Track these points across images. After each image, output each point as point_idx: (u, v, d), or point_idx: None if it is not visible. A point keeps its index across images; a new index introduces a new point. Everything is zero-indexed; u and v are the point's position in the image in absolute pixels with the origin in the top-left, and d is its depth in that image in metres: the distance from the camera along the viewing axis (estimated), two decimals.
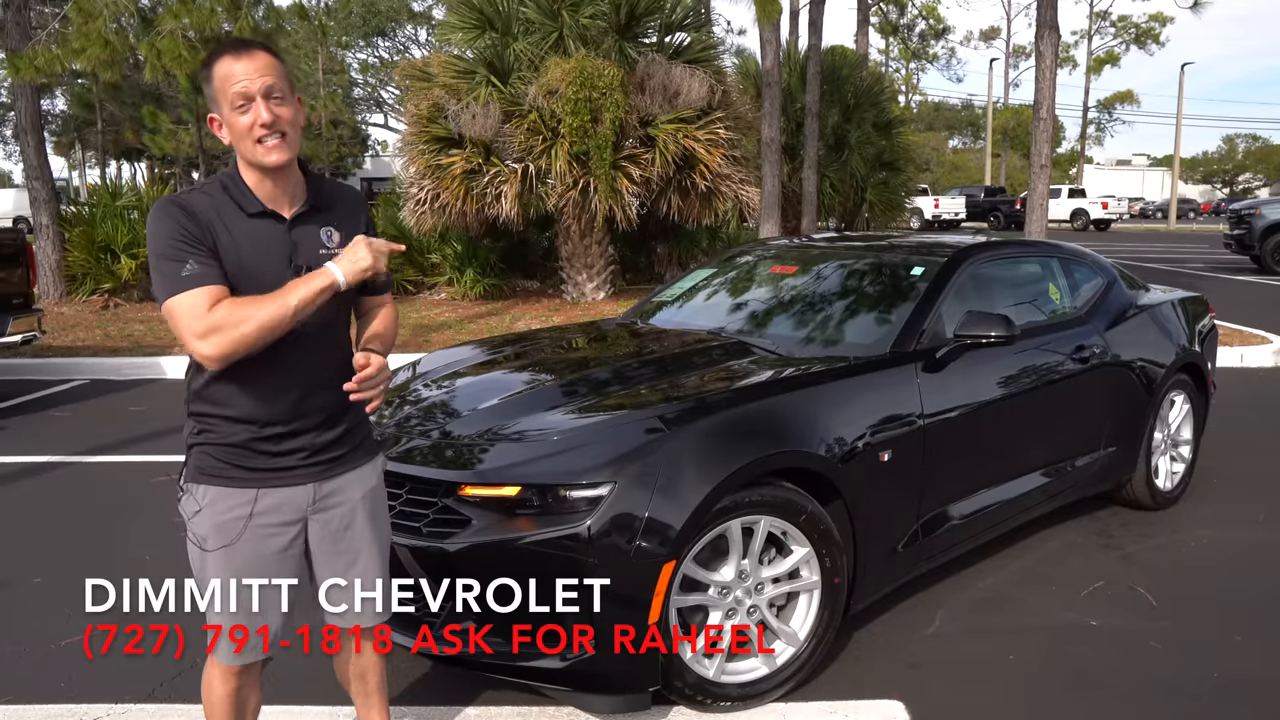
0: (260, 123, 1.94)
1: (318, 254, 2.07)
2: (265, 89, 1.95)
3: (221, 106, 1.98)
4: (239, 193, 2.02)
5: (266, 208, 2.04)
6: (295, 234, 2.06)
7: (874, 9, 32.03)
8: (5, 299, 7.61)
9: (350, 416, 2.21)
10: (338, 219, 2.14)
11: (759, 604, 2.99)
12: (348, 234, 2.12)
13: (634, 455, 2.78)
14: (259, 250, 2.01)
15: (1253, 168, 78.39)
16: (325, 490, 2.17)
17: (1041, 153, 11.38)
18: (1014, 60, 56.20)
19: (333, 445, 2.17)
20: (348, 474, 2.21)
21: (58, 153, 43.97)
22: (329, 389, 2.10)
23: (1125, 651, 3.41)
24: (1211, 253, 24.31)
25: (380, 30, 46.98)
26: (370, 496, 2.26)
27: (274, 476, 2.10)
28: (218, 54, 1.98)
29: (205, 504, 2.08)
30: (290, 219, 2.06)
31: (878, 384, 3.47)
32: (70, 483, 5.60)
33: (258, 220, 2.02)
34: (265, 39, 2.05)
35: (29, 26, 12.42)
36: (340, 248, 2.09)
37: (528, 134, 10.95)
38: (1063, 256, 4.79)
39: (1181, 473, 5.06)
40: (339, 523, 2.20)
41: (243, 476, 2.08)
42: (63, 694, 3.09)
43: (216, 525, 2.07)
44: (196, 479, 2.10)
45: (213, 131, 2.02)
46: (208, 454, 2.08)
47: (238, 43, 1.99)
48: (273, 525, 2.11)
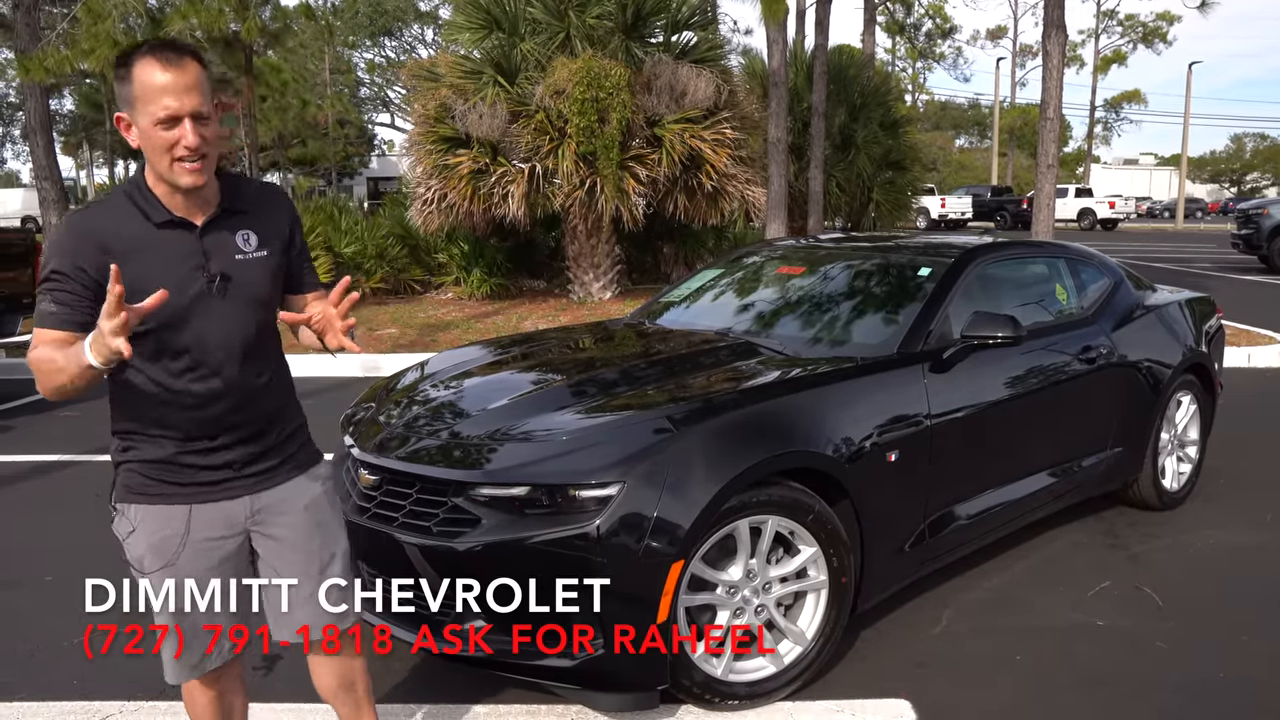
0: (185, 144, 1.85)
1: (234, 259, 2.00)
2: (193, 110, 1.85)
3: (138, 114, 1.86)
4: (145, 203, 1.94)
5: (175, 216, 1.94)
6: (207, 241, 1.97)
7: (881, 8, 32.00)
8: (14, 298, 7.67)
9: (284, 427, 2.15)
10: (257, 220, 2.06)
11: (766, 603, 3.00)
12: (268, 235, 2.06)
13: (643, 455, 2.80)
14: (165, 261, 1.92)
15: (1260, 167, 78.10)
16: (263, 503, 2.10)
17: (1048, 153, 11.37)
18: (1021, 59, 56.07)
19: (265, 455, 2.10)
20: (284, 485, 2.13)
21: (65, 152, 44.13)
22: (259, 399, 2.05)
23: (1132, 652, 3.41)
24: (1219, 252, 24.23)
25: (387, 30, 47.03)
26: (314, 506, 2.18)
27: (206, 491, 2.03)
28: (143, 55, 1.85)
29: (139, 524, 2.02)
30: (202, 226, 1.97)
31: (885, 384, 3.48)
32: (79, 482, 5.64)
33: (166, 230, 1.94)
34: (193, 46, 1.94)
35: (38, 27, 12.48)
36: (259, 250, 2.03)
37: (535, 134, 10.97)
38: (1070, 257, 4.80)
39: (1188, 473, 5.06)
40: (282, 535, 2.12)
41: (172, 493, 2.02)
42: (75, 691, 3.12)
43: (152, 545, 2.02)
44: (126, 498, 2.04)
45: (120, 130, 1.92)
46: (134, 471, 2.02)
47: (167, 47, 1.86)
48: (211, 540, 2.05)
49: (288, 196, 2.24)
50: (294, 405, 2.23)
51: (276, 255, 2.09)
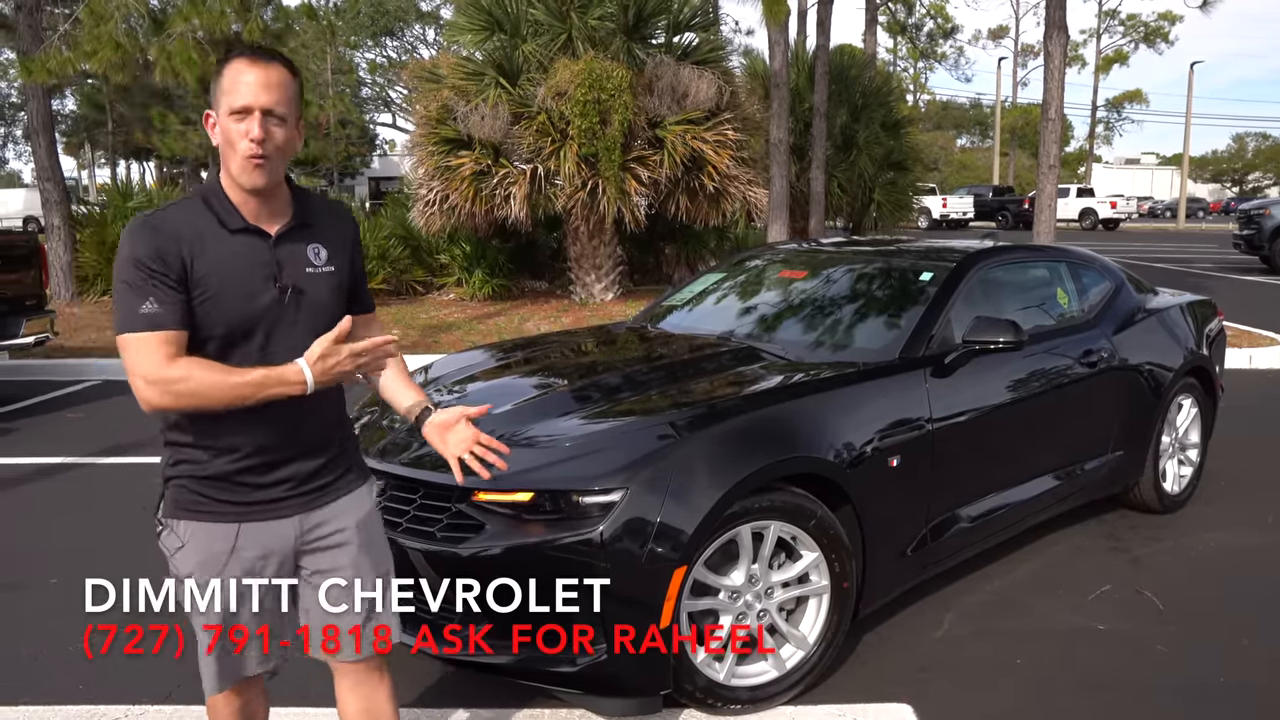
0: (250, 137, 1.86)
1: (304, 272, 1.99)
2: (267, 106, 1.87)
3: (220, 107, 1.90)
4: (221, 207, 1.93)
5: (250, 224, 1.94)
6: (280, 251, 1.96)
7: (882, 8, 31.97)
8: (18, 300, 7.66)
9: (339, 441, 2.13)
10: (326, 235, 2.06)
11: (769, 608, 3.01)
12: (336, 251, 2.06)
13: (646, 461, 2.81)
14: (240, 268, 1.91)
15: (1262, 166, 78.06)
16: (314, 521, 2.06)
17: (1050, 153, 11.38)
18: (1022, 59, 56.03)
19: (320, 472, 2.07)
20: (337, 502, 2.10)
21: (68, 152, 44.18)
22: (316, 415, 2.02)
23: (1132, 655, 3.43)
24: (1220, 252, 24.23)
25: (388, 30, 47.07)
26: (365, 524, 2.15)
27: (257, 510, 2.00)
28: (236, 56, 1.91)
29: (188, 540, 1.99)
30: (275, 236, 1.96)
31: (887, 389, 3.49)
32: (84, 484, 5.65)
33: (241, 236, 1.93)
34: (288, 56, 1.97)
35: (40, 29, 12.49)
36: (328, 265, 2.03)
37: (536, 135, 10.98)
38: (1071, 261, 4.81)
39: (1189, 476, 5.07)
40: (332, 556, 2.09)
41: (224, 510, 1.98)
42: (81, 695, 3.13)
43: (200, 562, 1.99)
44: (175, 514, 2.00)
45: (206, 129, 1.94)
46: (185, 487, 1.98)
47: (259, 51, 1.92)
48: (258, 558, 2.01)
49: (353, 214, 2.23)
50: (348, 422, 2.21)
51: (343, 271, 2.08)
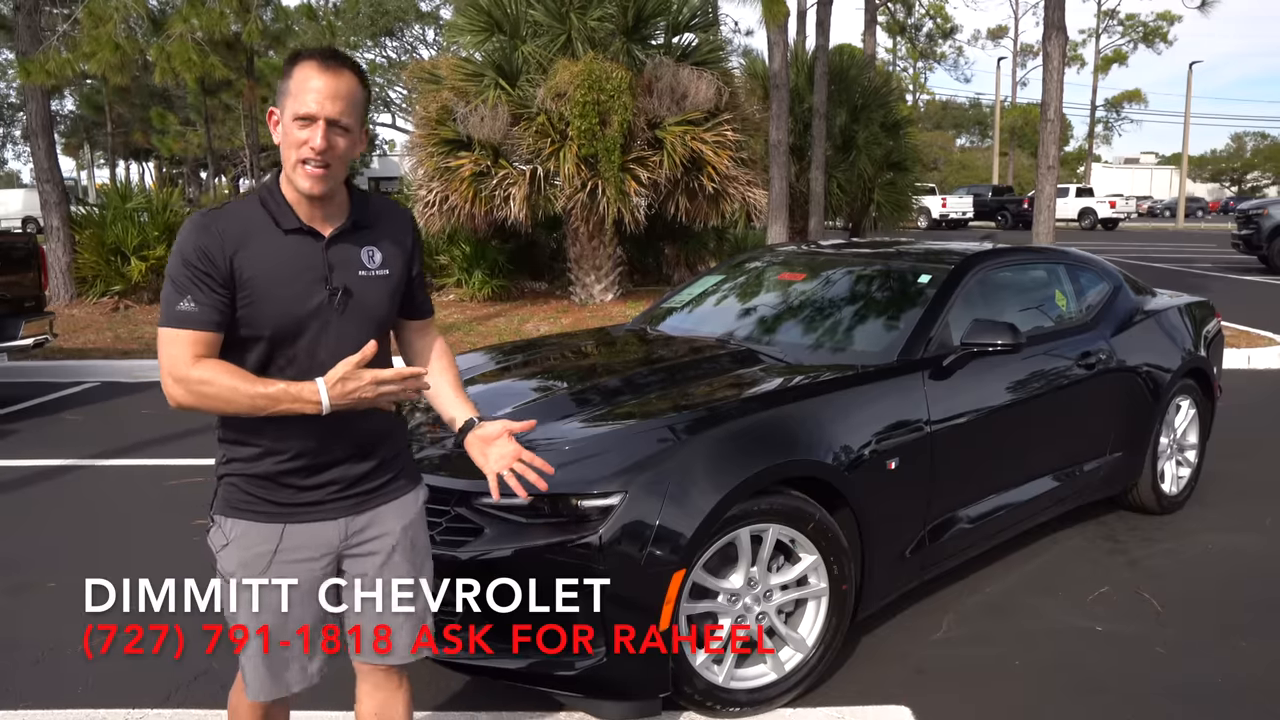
0: (311, 145, 1.86)
1: (357, 275, 1.97)
2: (332, 116, 1.86)
3: (285, 108, 1.89)
4: (276, 207, 1.94)
5: (303, 224, 1.94)
6: (332, 253, 1.95)
7: (881, 9, 31.97)
8: (17, 302, 7.66)
9: (389, 444, 2.10)
10: (382, 238, 2.03)
11: (768, 611, 3.02)
12: (391, 254, 2.04)
13: (645, 464, 2.82)
14: (290, 269, 1.91)
15: (1261, 166, 78.05)
16: (359, 525, 2.04)
17: (1049, 154, 11.39)
18: (1022, 59, 56.12)
19: (368, 476, 2.05)
20: (384, 506, 2.08)
21: (66, 153, 44.17)
22: (366, 416, 1.98)
23: (1130, 657, 3.43)
24: (1219, 252, 24.25)
25: (388, 30, 47.01)
26: (410, 529, 2.12)
27: (302, 511, 1.99)
28: (308, 57, 1.90)
29: (233, 538, 1.99)
30: (329, 238, 1.96)
31: (885, 392, 3.49)
32: (83, 486, 5.66)
33: (293, 236, 1.93)
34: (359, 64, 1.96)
35: (39, 30, 12.49)
36: (382, 269, 2.01)
37: (536, 136, 10.98)
38: (1069, 263, 4.82)
39: (1187, 477, 5.08)
40: (375, 561, 2.06)
41: (270, 510, 1.98)
42: (79, 699, 3.13)
43: (243, 561, 1.99)
44: (225, 511, 2.00)
45: (268, 125, 1.96)
46: (235, 485, 1.99)
47: (332, 57, 1.90)
48: (299, 561, 2.00)
49: (412, 216, 2.21)
50: (400, 428, 2.19)
51: (398, 275, 2.06)
